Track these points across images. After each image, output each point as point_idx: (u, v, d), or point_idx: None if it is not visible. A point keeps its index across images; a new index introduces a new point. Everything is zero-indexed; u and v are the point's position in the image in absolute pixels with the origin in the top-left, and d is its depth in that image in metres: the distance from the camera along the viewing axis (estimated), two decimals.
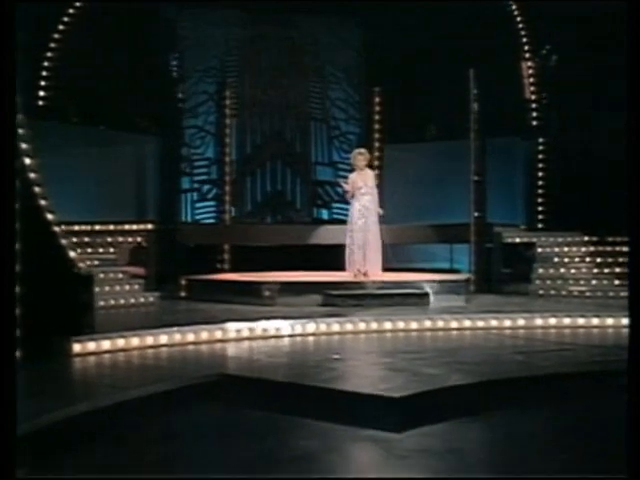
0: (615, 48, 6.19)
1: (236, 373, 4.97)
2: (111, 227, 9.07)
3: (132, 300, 8.21)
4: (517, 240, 10.27)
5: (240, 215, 11.95)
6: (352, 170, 9.13)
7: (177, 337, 6.19)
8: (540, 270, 9.85)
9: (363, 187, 8.87)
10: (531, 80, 11.58)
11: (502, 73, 10.81)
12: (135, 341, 5.88)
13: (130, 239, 8.96)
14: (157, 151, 11.41)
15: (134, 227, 9.14)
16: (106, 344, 5.65)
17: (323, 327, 6.91)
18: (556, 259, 9.95)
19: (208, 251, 11.16)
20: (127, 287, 8.36)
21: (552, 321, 7.36)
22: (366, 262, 8.75)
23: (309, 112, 12.26)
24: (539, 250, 10.07)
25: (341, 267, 8.95)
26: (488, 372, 4.95)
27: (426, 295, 8.27)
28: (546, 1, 10.61)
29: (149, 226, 9.17)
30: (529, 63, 11.57)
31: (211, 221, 11.77)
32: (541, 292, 9.55)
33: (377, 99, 11.88)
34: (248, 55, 12.08)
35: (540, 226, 11.30)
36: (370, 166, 9.17)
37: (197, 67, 11.81)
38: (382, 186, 11.63)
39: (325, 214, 12.26)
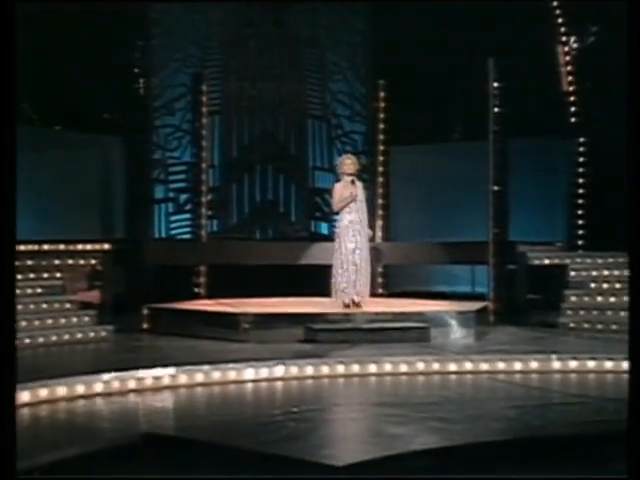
0: None
1: (164, 432, 5.00)
2: (61, 247, 9.16)
3: (79, 335, 8.28)
4: (546, 261, 10.18)
5: (224, 229, 11.99)
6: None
7: (115, 385, 6.23)
8: (573, 298, 9.72)
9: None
10: (569, 68, 11.49)
11: (530, 61, 10.74)
12: (62, 391, 5.92)
13: (82, 261, 9.03)
14: (125, 155, 11.50)
15: (88, 247, 9.21)
16: (25, 396, 5.67)
17: (294, 371, 6.91)
18: (593, 285, 9.83)
19: (183, 273, 11.20)
20: (75, 319, 8.46)
21: (573, 364, 7.26)
22: (357, 289, 8.75)
23: (306, 108, 12.25)
24: (572, 274, 9.96)
25: None
26: (463, 433, 4.90)
27: (426, 329, 8.25)
28: None
29: (105, 246, 9.24)
30: (566, 48, 11.48)
31: (189, 236, 11.81)
32: (572, 325, 9.42)
33: (382, 94, 11.84)
34: (234, 43, 12.11)
35: (580, 243, 11.20)
36: (358, 176, 9.19)
37: (174, 56, 11.86)
38: (387, 196, 11.69)
39: (324, 228, 12.21)
